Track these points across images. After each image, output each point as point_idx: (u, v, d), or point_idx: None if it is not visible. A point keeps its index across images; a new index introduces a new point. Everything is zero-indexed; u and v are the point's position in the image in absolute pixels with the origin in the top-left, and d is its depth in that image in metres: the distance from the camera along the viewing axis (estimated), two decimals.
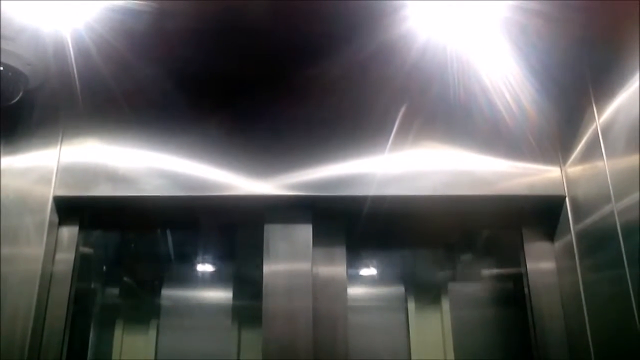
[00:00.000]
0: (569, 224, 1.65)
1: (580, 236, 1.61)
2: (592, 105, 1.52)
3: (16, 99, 1.63)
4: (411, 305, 1.94)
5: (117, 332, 1.93)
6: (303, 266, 1.66)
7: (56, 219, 1.67)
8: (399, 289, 1.98)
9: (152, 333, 1.93)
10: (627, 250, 1.35)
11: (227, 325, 1.92)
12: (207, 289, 2.05)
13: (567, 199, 1.68)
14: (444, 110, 1.73)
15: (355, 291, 1.93)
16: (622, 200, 1.38)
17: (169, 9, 1.48)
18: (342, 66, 1.69)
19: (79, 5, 1.46)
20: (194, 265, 2.09)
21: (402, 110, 1.72)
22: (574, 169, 1.64)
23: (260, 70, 1.74)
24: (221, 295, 2.01)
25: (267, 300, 1.62)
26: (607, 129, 1.46)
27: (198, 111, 1.73)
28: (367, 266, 2.04)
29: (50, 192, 1.64)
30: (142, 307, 2.01)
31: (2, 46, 1.51)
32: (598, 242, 1.50)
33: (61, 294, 1.63)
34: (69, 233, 1.69)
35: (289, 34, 1.60)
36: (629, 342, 1.34)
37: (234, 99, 1.76)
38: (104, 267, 1.98)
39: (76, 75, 1.64)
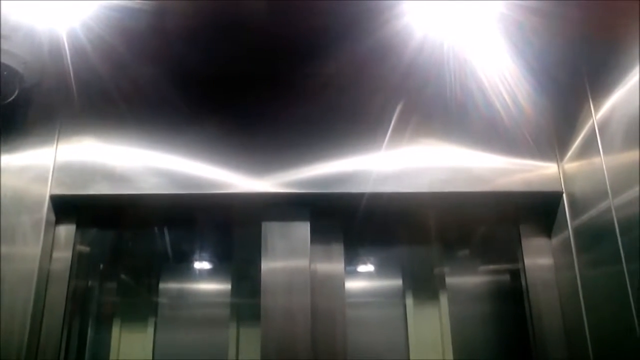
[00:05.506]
0: (566, 220, 1.66)
1: (578, 232, 1.61)
2: (589, 102, 1.52)
3: (12, 98, 1.63)
4: (409, 301, 1.95)
5: (115, 330, 1.93)
6: (301, 263, 1.66)
7: (53, 218, 1.66)
8: (397, 285, 1.98)
9: (150, 330, 1.93)
10: (624, 246, 1.36)
11: (225, 322, 1.92)
12: (205, 286, 2.05)
13: (564, 195, 1.68)
14: (441, 107, 1.73)
15: (353, 287, 1.93)
16: (619, 196, 1.38)
17: (166, 7, 1.48)
18: (339, 63, 1.68)
19: (75, 4, 1.45)
20: (191, 262, 2.08)
21: (399, 107, 1.72)
22: (571, 165, 1.64)
23: (257, 68, 1.73)
24: (219, 292, 2.01)
25: (265, 297, 1.62)
26: (604, 125, 1.46)
27: (195, 109, 1.73)
28: (365, 263, 2.04)
29: (47, 190, 1.64)
30: (140, 305, 2.01)
31: None
32: (595, 238, 1.51)
33: (58, 292, 1.63)
34: (65, 231, 1.69)
35: (285, 32, 1.60)
36: (627, 338, 1.34)
37: (231, 97, 1.75)
38: (101, 265, 1.98)
39: (72, 74, 1.63)
